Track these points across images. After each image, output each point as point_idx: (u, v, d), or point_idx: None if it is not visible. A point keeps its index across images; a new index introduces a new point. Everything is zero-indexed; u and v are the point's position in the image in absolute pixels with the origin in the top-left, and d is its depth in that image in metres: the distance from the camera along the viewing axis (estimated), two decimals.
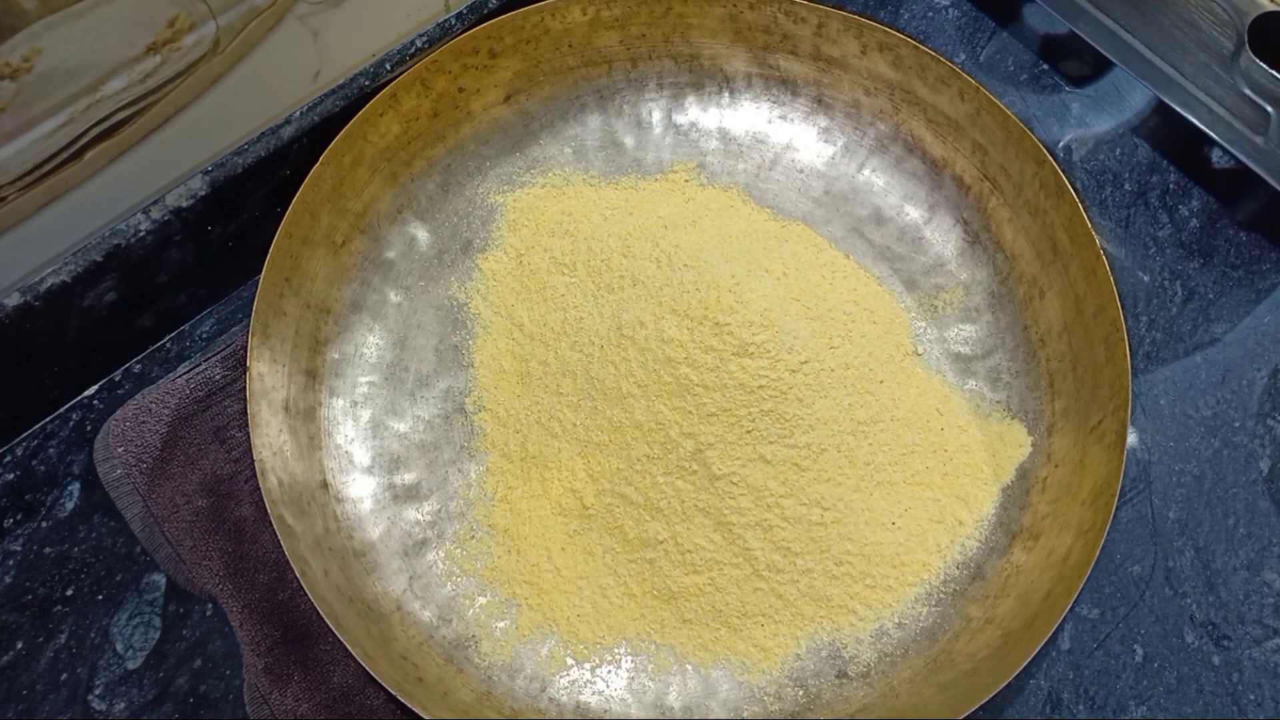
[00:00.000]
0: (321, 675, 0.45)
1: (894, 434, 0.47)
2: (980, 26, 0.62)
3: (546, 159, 0.55)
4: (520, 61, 0.54)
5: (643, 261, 0.49)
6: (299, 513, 0.45)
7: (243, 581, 0.47)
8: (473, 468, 0.49)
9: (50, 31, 0.40)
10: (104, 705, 0.46)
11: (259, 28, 0.47)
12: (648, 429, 0.45)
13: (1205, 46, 0.55)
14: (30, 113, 0.42)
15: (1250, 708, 0.47)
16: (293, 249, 0.49)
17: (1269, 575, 0.49)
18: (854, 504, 0.46)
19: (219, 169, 0.49)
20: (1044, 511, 0.46)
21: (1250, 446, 0.51)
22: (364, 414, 0.49)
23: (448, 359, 0.51)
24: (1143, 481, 0.51)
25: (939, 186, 0.54)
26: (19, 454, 0.50)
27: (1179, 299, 0.55)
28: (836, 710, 0.44)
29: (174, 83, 0.45)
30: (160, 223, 0.48)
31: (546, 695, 0.45)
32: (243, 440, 0.49)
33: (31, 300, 0.46)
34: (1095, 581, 0.49)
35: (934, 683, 0.44)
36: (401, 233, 0.53)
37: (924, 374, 0.50)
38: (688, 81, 0.56)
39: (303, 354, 0.49)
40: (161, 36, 0.43)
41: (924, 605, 0.46)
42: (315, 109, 0.51)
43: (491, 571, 0.47)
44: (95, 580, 0.48)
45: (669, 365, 0.45)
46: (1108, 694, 0.47)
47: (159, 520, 0.48)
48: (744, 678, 0.45)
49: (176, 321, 0.53)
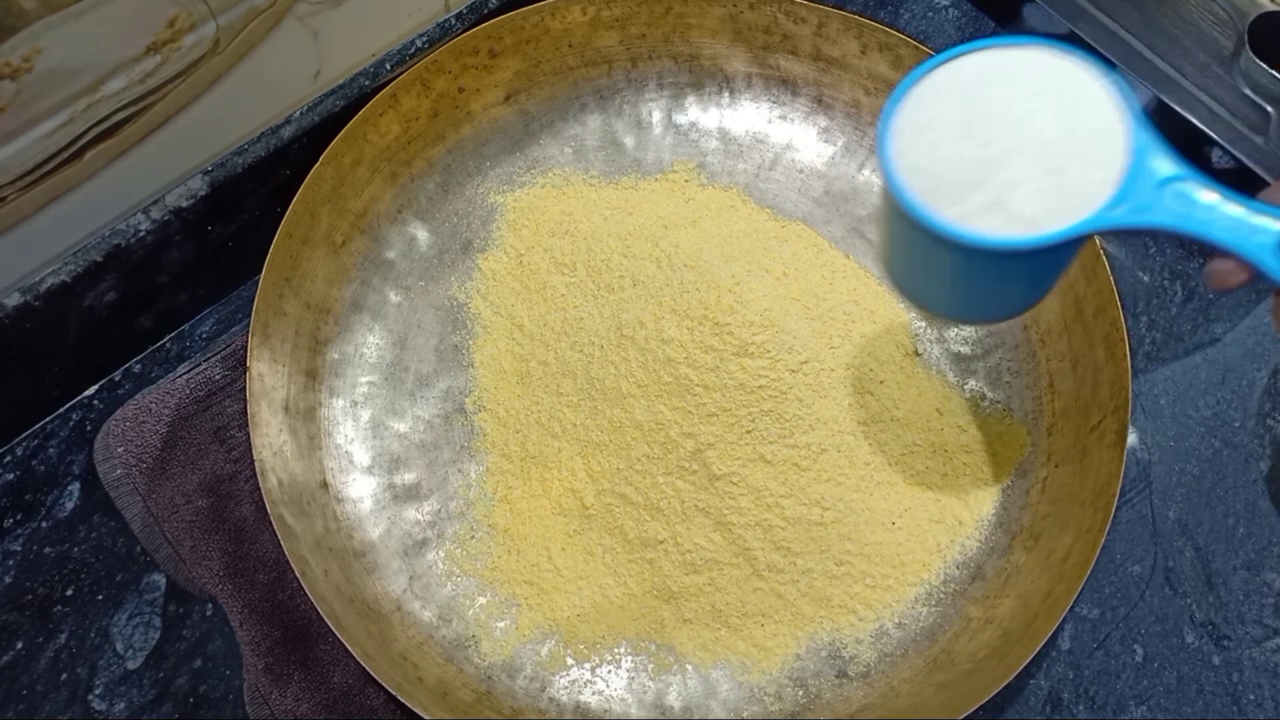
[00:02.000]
0: (321, 675, 0.45)
1: (894, 434, 0.47)
2: (980, 26, 0.62)
3: (546, 159, 0.55)
4: (520, 61, 0.54)
5: (643, 261, 0.49)
6: (299, 513, 0.45)
7: (243, 581, 0.47)
8: (473, 468, 0.49)
9: (50, 31, 0.40)
10: (104, 705, 0.46)
11: (259, 28, 0.47)
12: (648, 429, 0.45)
13: (1205, 46, 0.55)
14: (30, 113, 0.42)
15: (1250, 708, 0.47)
16: (293, 249, 0.49)
17: (1269, 575, 0.49)
18: (854, 504, 0.46)
19: (219, 169, 0.49)
20: (1044, 511, 0.46)
21: (1250, 446, 0.51)
22: (364, 414, 0.49)
23: (448, 359, 0.51)
24: (1143, 481, 0.51)
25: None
26: (19, 454, 0.50)
27: (1179, 299, 0.55)
28: (836, 710, 0.44)
29: (174, 83, 0.45)
30: (160, 223, 0.48)
31: (546, 695, 0.45)
32: (243, 440, 0.49)
33: (31, 300, 0.46)
34: (1095, 581, 0.49)
35: (934, 683, 0.44)
36: (401, 233, 0.53)
37: (924, 374, 0.50)
38: (688, 81, 0.56)
39: (303, 354, 0.49)
40: (161, 36, 0.43)
41: (924, 605, 0.46)
42: (315, 109, 0.51)
43: (491, 571, 0.47)
44: (95, 580, 0.48)
45: (669, 365, 0.45)
46: (1108, 694, 0.47)
47: (159, 520, 0.48)
48: (744, 678, 0.45)
49: (176, 321, 0.53)
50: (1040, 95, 0.32)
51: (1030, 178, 0.31)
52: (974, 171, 0.31)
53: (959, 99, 0.32)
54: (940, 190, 0.31)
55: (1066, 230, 0.30)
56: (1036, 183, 0.31)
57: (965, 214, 0.31)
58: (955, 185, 0.31)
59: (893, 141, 0.32)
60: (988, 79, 0.32)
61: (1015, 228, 0.30)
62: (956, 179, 0.31)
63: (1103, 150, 0.31)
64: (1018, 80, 0.32)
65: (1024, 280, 0.34)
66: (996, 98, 0.32)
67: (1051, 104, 0.32)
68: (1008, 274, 0.33)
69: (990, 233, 0.31)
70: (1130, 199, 0.31)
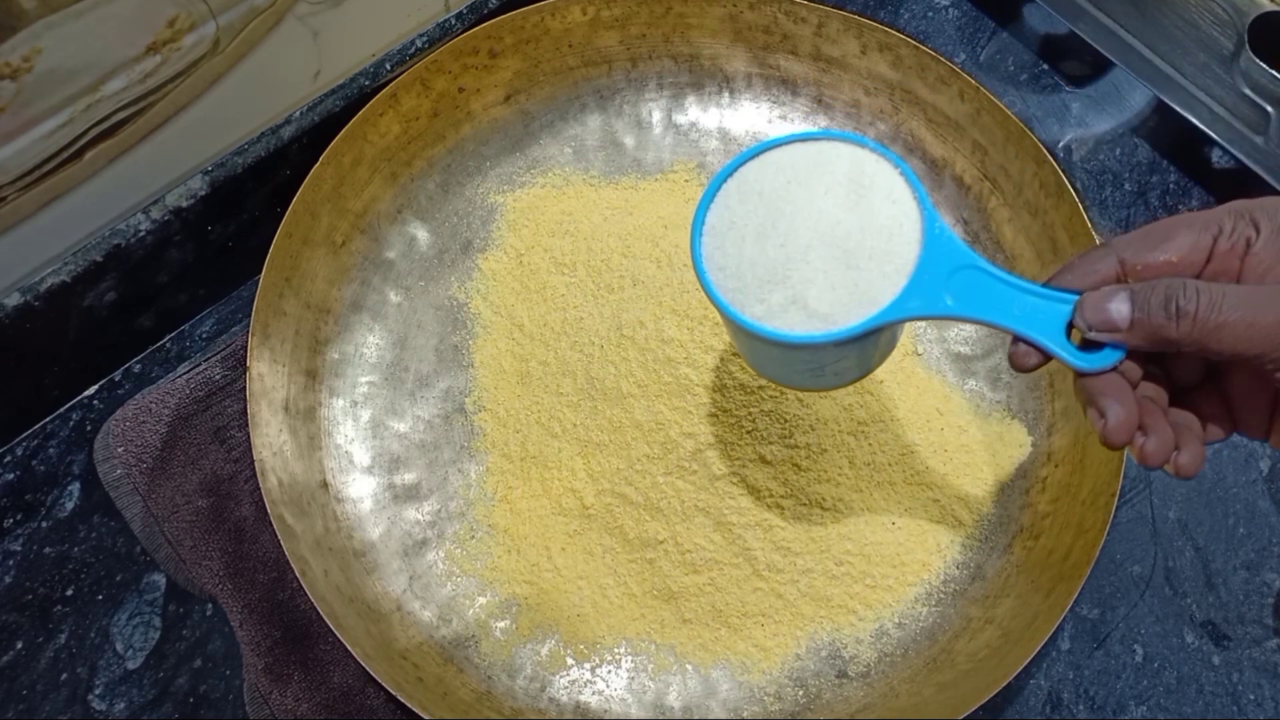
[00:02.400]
0: (321, 675, 0.45)
1: (894, 434, 0.47)
2: (980, 26, 0.62)
3: (546, 159, 0.55)
4: (520, 61, 0.54)
5: (643, 261, 0.49)
6: (299, 513, 0.45)
7: (243, 581, 0.47)
8: (473, 468, 0.49)
9: (50, 31, 0.40)
10: (104, 705, 0.46)
11: (259, 28, 0.47)
12: (648, 429, 0.45)
13: (1205, 46, 0.55)
14: (30, 113, 0.42)
15: (1250, 708, 0.47)
16: (293, 249, 0.49)
17: (1269, 575, 0.49)
18: (854, 504, 0.46)
19: (219, 169, 0.49)
20: (1044, 511, 0.46)
21: (1250, 446, 0.51)
22: (364, 414, 0.49)
23: (448, 359, 0.51)
24: (1143, 481, 0.51)
25: (939, 186, 0.54)
26: (19, 454, 0.50)
27: None
28: (836, 710, 0.44)
29: (174, 83, 0.45)
30: (160, 223, 0.48)
31: (546, 695, 0.45)
32: (243, 440, 0.49)
33: (31, 300, 0.46)
34: (1095, 581, 0.49)
35: (934, 683, 0.44)
36: (401, 233, 0.53)
37: (924, 374, 0.50)
38: (688, 81, 0.56)
39: (303, 354, 0.49)
40: (161, 36, 0.43)
41: (924, 605, 0.46)
42: (315, 109, 0.51)
43: (491, 571, 0.47)
44: (95, 580, 0.48)
45: (669, 365, 0.45)
46: (1108, 694, 0.47)
47: (159, 520, 0.48)
48: (744, 678, 0.45)
49: (176, 321, 0.53)
50: (835, 190, 0.33)
51: (826, 274, 0.32)
52: (775, 270, 0.33)
53: (761, 197, 0.34)
54: (746, 289, 0.33)
55: (857, 326, 0.32)
56: (832, 278, 0.32)
57: (767, 312, 0.33)
58: (759, 283, 0.33)
59: (705, 240, 0.34)
60: (787, 175, 0.34)
61: (814, 324, 0.32)
62: (759, 277, 0.33)
63: (895, 243, 0.32)
64: (815, 176, 0.33)
65: (843, 362, 0.35)
66: (795, 195, 0.33)
67: (846, 199, 0.33)
68: (821, 359, 0.34)
69: (788, 329, 0.32)
70: (921, 292, 0.32)
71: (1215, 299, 0.29)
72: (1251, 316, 0.29)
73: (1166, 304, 0.29)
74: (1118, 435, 0.30)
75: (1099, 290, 0.31)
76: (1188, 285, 0.29)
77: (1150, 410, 0.31)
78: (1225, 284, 0.30)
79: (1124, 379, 0.31)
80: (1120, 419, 0.30)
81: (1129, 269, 0.31)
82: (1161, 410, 0.32)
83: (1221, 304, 0.29)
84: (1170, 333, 0.29)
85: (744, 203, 0.34)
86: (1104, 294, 0.30)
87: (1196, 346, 0.29)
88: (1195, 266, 0.31)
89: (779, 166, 0.34)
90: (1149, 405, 0.31)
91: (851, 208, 0.33)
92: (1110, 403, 0.30)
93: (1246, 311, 0.29)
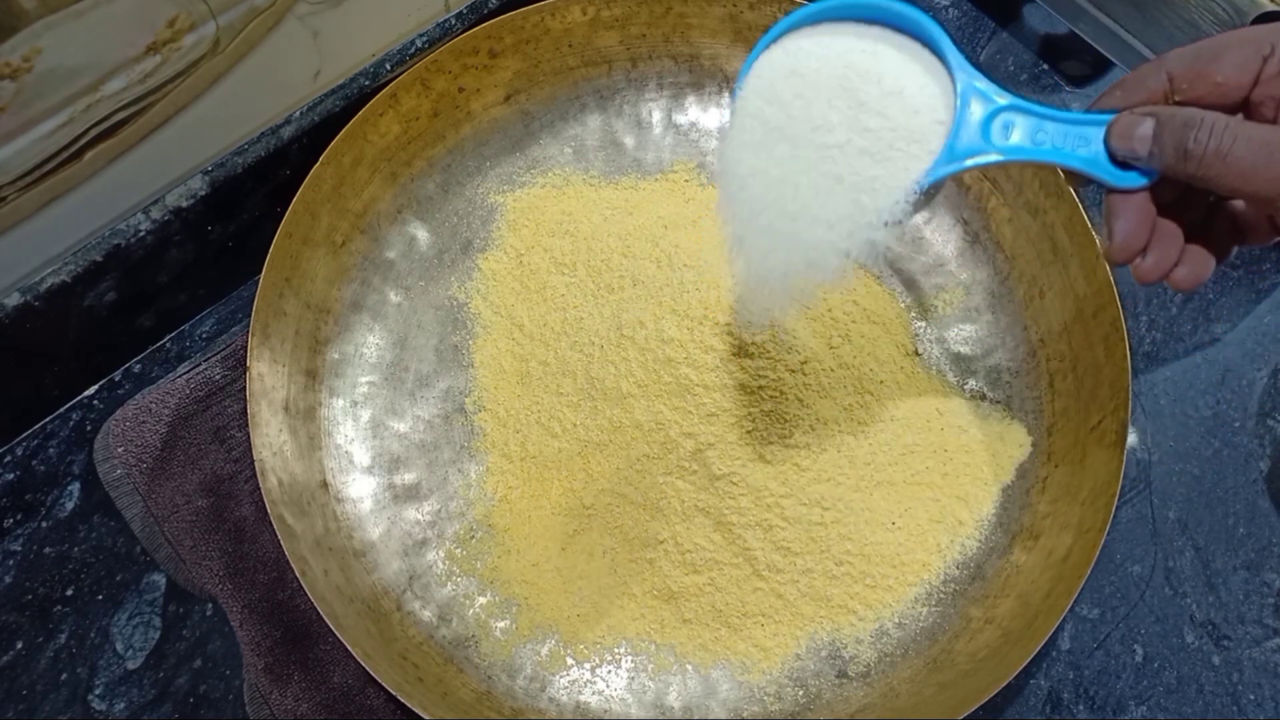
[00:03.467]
0: (321, 675, 0.45)
1: (894, 434, 0.47)
2: (980, 26, 0.62)
3: (546, 159, 0.55)
4: (520, 61, 0.54)
5: (643, 261, 0.49)
6: (299, 513, 0.45)
7: (243, 581, 0.47)
8: (473, 468, 0.49)
9: (50, 31, 0.40)
10: (104, 705, 0.46)
11: (259, 28, 0.47)
12: (648, 429, 0.45)
13: None
14: (30, 113, 0.42)
15: (1250, 708, 0.47)
16: (293, 249, 0.49)
17: (1269, 575, 0.49)
18: (854, 504, 0.46)
19: (219, 169, 0.49)
20: (1044, 511, 0.46)
21: (1250, 446, 0.51)
22: (364, 414, 0.49)
23: (448, 359, 0.51)
24: (1143, 481, 0.51)
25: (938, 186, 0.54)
26: (19, 454, 0.50)
27: (1179, 299, 0.55)
28: (836, 710, 0.44)
29: (174, 83, 0.45)
30: (160, 223, 0.48)
31: (546, 695, 0.45)
32: (243, 440, 0.49)
33: (31, 300, 0.46)
34: (1095, 581, 0.49)
35: (934, 683, 0.44)
36: (401, 233, 0.53)
37: (924, 374, 0.50)
38: (688, 81, 0.56)
39: (303, 354, 0.49)
40: (161, 36, 0.43)
41: (924, 605, 0.46)
42: (315, 109, 0.51)
43: (491, 571, 0.47)
44: (95, 580, 0.48)
45: (669, 365, 0.45)
46: (1108, 694, 0.47)
47: (159, 520, 0.48)
48: (744, 678, 0.45)
49: (176, 321, 0.53)
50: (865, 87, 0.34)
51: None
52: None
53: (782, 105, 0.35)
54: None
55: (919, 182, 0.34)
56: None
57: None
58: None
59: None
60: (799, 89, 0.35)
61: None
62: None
63: (923, 119, 0.34)
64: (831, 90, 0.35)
65: None
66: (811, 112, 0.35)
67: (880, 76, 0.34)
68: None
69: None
70: (957, 147, 0.33)
71: (1224, 144, 0.29)
72: (1258, 162, 0.29)
73: (1177, 142, 0.30)
74: (1118, 254, 0.31)
75: (1129, 114, 0.31)
76: (1204, 123, 0.29)
77: (1161, 236, 0.32)
78: (1243, 123, 0.30)
79: (1150, 202, 0.31)
80: (1122, 239, 0.31)
81: (1176, 87, 0.31)
82: (1173, 237, 0.32)
83: (1231, 148, 0.29)
84: (1179, 171, 0.30)
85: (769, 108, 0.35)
86: (1132, 121, 0.31)
87: (1204, 185, 0.30)
88: (1242, 89, 0.31)
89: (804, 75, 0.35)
90: (1163, 230, 0.32)
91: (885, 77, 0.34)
92: (1120, 222, 0.31)
93: (1255, 158, 0.29)
